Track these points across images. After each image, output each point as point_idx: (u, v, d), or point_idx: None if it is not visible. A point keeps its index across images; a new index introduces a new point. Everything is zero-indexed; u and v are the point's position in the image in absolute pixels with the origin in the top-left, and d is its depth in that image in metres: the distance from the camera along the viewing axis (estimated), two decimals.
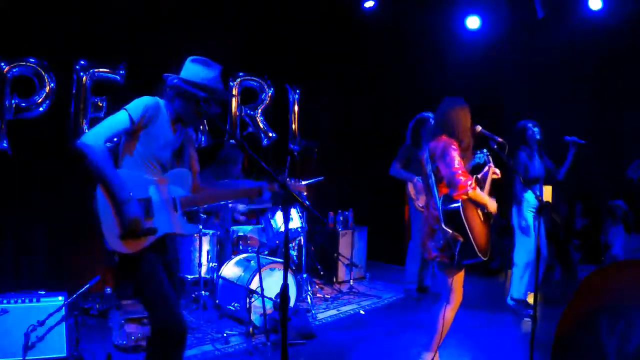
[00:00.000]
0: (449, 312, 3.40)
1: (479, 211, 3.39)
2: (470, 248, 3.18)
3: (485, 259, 3.25)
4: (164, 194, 2.61)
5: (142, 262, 2.51)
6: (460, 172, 3.19)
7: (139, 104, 2.55)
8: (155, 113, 2.58)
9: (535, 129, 5.11)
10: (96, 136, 2.42)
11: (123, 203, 2.41)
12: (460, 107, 3.49)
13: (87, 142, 2.40)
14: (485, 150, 4.30)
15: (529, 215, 5.05)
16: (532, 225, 5.02)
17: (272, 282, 4.38)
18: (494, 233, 7.37)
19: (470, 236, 3.17)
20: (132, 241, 2.46)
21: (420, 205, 5.42)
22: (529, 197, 5.01)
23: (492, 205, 3.41)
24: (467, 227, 3.18)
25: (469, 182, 3.20)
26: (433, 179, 3.33)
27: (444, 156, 3.25)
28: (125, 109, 2.51)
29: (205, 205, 2.76)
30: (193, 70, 2.69)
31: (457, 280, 3.39)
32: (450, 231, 3.19)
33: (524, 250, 5.11)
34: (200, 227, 4.57)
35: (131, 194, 2.44)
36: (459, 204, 3.20)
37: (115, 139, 2.55)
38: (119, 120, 2.49)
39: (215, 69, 2.73)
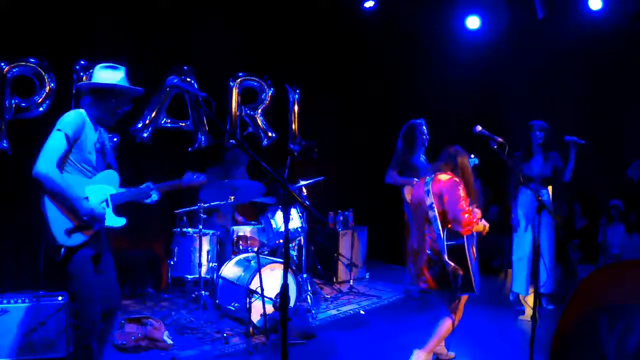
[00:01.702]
0: (450, 326, 3.60)
1: (474, 248, 3.60)
2: (469, 281, 3.45)
3: (477, 293, 3.52)
4: (98, 193, 3.00)
5: (79, 255, 2.88)
6: (466, 209, 3.44)
7: (70, 123, 2.86)
8: (83, 125, 2.92)
9: (538, 133, 5.14)
10: (48, 164, 2.76)
11: (85, 216, 2.82)
12: (467, 157, 3.76)
13: (42, 171, 2.74)
14: (472, 156, 4.38)
15: (519, 213, 5.22)
16: (523, 223, 5.21)
17: (272, 282, 4.38)
18: (493, 234, 7.41)
19: (470, 271, 3.45)
20: (77, 234, 2.86)
21: None
22: (521, 196, 5.20)
23: (485, 225, 3.69)
24: (468, 262, 3.44)
25: (474, 219, 3.47)
26: (435, 211, 3.49)
27: (452, 194, 3.47)
28: (60, 130, 2.83)
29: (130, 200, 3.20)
30: (107, 74, 3.04)
31: (460, 304, 3.63)
32: (452, 264, 3.41)
33: (515, 245, 5.33)
34: (200, 227, 4.58)
35: (91, 205, 2.86)
36: (463, 240, 3.45)
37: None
38: (58, 142, 2.81)
39: (122, 70, 3.09)
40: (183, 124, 5.93)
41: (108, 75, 3.02)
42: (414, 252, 3.69)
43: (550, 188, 5.30)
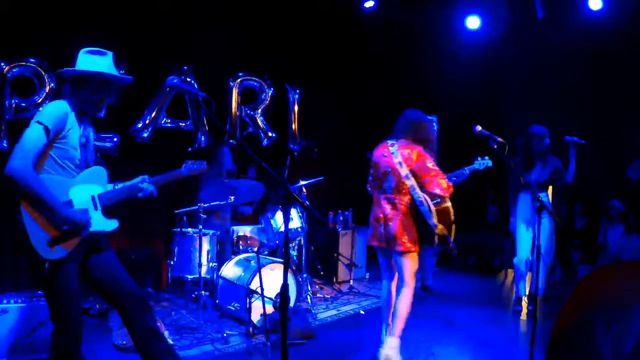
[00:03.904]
0: (411, 297, 3.79)
1: None
2: (448, 236, 3.66)
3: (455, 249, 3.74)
4: (83, 194, 2.72)
5: (62, 271, 2.62)
6: (441, 173, 3.61)
7: (51, 115, 2.58)
8: (66, 118, 2.64)
9: (543, 141, 5.03)
10: (24, 160, 2.48)
11: (65, 224, 2.57)
12: (425, 120, 3.91)
13: (17, 169, 2.47)
14: (487, 157, 4.39)
15: (518, 218, 5.21)
16: (523, 227, 5.19)
17: (272, 282, 4.38)
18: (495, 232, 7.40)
19: (453, 226, 3.68)
20: (60, 246, 2.59)
21: None
22: (520, 202, 5.19)
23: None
24: (452, 220, 3.65)
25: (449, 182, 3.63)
26: (412, 180, 3.60)
27: (422, 164, 3.61)
28: (40, 122, 2.54)
29: (121, 199, 2.89)
30: (91, 60, 2.79)
31: (416, 267, 3.79)
32: (440, 226, 3.58)
33: (516, 249, 5.30)
34: (200, 227, 4.58)
35: (72, 211, 2.60)
36: (448, 202, 3.63)
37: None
38: (37, 137, 2.53)
39: (109, 56, 2.87)
40: (183, 124, 5.93)
41: (93, 61, 2.76)
42: (384, 217, 3.74)
43: (550, 190, 5.28)
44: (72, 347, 2.70)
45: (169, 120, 5.82)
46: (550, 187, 5.28)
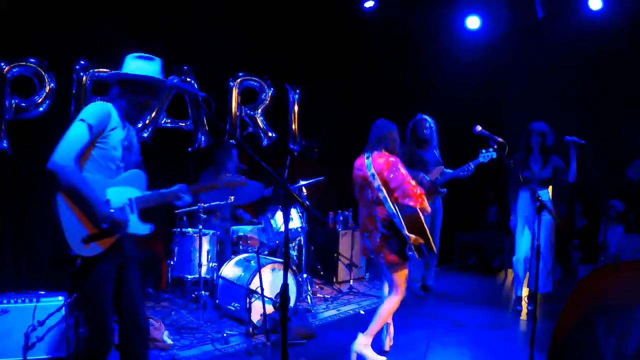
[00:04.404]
0: (396, 305, 3.81)
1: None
2: (428, 243, 3.64)
3: (437, 253, 3.78)
4: (121, 196, 2.69)
5: (96, 271, 2.58)
6: (412, 183, 3.60)
7: (94, 113, 2.58)
8: (109, 118, 2.64)
9: (538, 138, 5.07)
10: (66, 156, 2.47)
11: (104, 222, 2.52)
12: (395, 130, 3.92)
13: (59, 163, 2.46)
14: (491, 150, 4.38)
15: (518, 215, 5.23)
16: (520, 225, 5.21)
17: (272, 282, 4.38)
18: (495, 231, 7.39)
19: (428, 233, 3.65)
20: (96, 243, 2.55)
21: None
22: (521, 199, 5.20)
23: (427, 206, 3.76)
24: (425, 226, 3.64)
25: (422, 192, 3.63)
26: (384, 192, 3.63)
27: (395, 173, 3.61)
28: (83, 120, 2.54)
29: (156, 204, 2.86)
30: (140, 65, 2.78)
31: (405, 276, 3.81)
32: (413, 236, 3.57)
33: (515, 247, 5.32)
34: (200, 227, 4.58)
35: (112, 209, 2.55)
36: (416, 207, 3.60)
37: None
38: (80, 133, 2.53)
39: (157, 62, 2.86)
40: (183, 124, 5.93)
41: (141, 66, 2.77)
42: (367, 230, 3.81)
43: (550, 189, 5.29)
44: (103, 354, 2.63)
45: (169, 120, 5.82)
46: (550, 187, 5.28)
